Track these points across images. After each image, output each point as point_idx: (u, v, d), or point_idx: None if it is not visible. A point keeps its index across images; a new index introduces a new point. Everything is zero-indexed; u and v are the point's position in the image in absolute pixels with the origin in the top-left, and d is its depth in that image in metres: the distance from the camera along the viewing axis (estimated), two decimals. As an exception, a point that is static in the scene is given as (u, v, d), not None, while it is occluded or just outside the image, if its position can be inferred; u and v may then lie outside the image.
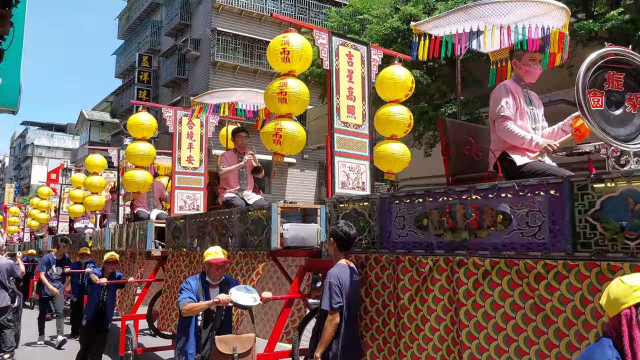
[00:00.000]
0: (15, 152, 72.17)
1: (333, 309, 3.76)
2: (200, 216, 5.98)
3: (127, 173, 7.12)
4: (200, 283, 4.58)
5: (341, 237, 3.96)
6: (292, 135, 4.64)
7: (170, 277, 6.43)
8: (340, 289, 3.79)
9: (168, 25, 32.12)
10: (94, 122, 43.26)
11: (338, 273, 3.84)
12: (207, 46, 28.93)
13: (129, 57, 36.20)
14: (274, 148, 4.67)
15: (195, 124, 7.03)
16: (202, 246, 5.91)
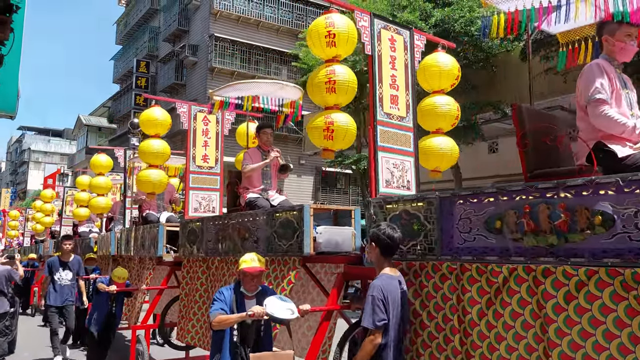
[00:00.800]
0: (11, 157, 70.69)
1: (376, 327, 3.16)
2: (219, 218, 5.34)
3: (140, 173, 6.44)
4: (234, 294, 3.96)
5: (384, 241, 3.36)
6: (345, 129, 4.04)
7: (187, 285, 5.78)
8: (385, 303, 3.19)
9: (166, 31, 31.54)
10: (91, 127, 42.27)
11: (382, 285, 3.24)
12: (204, 52, 28.41)
13: (127, 63, 35.48)
14: (324, 144, 4.07)
15: (210, 121, 6.40)
16: (221, 251, 5.28)
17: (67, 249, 8.17)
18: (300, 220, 4.35)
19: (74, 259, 8.27)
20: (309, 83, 4.16)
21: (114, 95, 37.27)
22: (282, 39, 29.35)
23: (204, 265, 5.56)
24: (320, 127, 4.03)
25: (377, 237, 3.38)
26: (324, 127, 4.02)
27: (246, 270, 3.92)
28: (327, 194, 28.46)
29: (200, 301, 5.49)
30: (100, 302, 6.25)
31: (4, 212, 26.60)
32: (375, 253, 3.40)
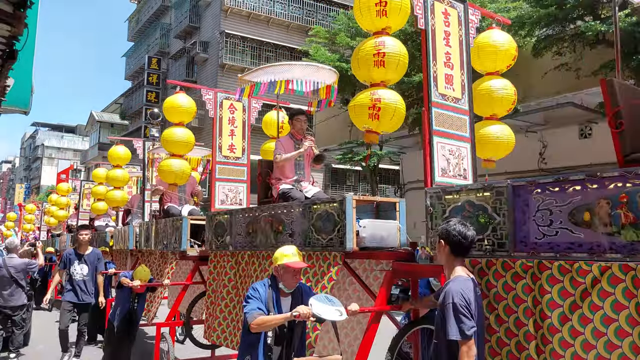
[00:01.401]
0: (25, 152, 70.55)
1: (466, 337, 2.68)
2: (250, 210, 4.90)
3: (163, 162, 6.01)
4: (270, 291, 3.52)
5: (455, 238, 2.91)
6: (393, 108, 3.57)
7: (214, 281, 5.35)
8: (469, 309, 2.73)
9: (177, 27, 31.16)
10: (103, 123, 41.91)
11: (462, 290, 2.78)
12: (215, 48, 28.03)
13: (139, 59, 35.12)
14: (369, 124, 3.60)
15: (237, 109, 5.94)
16: (252, 245, 4.84)
17: (84, 240, 7.32)
18: (342, 212, 3.90)
19: (92, 252, 7.42)
20: (354, 57, 3.69)
21: (126, 91, 36.96)
22: (292, 36, 28.91)
23: (232, 260, 5.13)
24: (365, 105, 3.55)
25: (446, 234, 2.93)
26: (369, 104, 3.54)
27: (289, 265, 3.48)
28: (337, 191, 27.99)
29: (227, 298, 5.06)
30: (122, 297, 5.84)
31: (20, 206, 26.19)
32: (444, 252, 2.95)
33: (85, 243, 7.35)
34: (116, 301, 6.05)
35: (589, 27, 10.46)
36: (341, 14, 21.38)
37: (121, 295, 5.86)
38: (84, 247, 7.38)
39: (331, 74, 4.98)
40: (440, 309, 2.83)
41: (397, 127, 3.81)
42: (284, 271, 3.52)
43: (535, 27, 12.09)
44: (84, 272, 7.23)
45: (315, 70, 4.93)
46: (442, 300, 2.81)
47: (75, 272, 7.18)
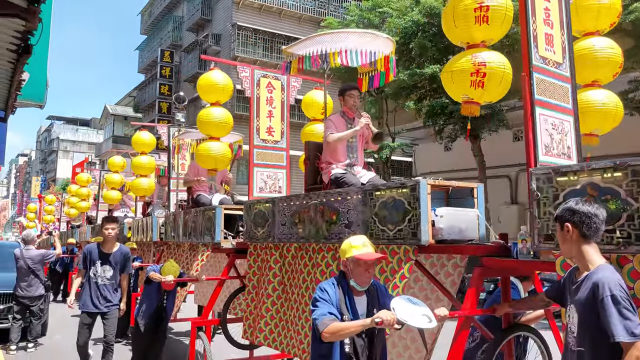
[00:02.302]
0: (41, 146, 70.14)
1: (637, 337, 1.98)
2: (296, 198, 4.25)
3: (200, 146, 5.32)
4: (340, 290, 2.88)
5: (586, 219, 2.22)
6: (502, 72, 2.89)
7: (254, 275, 4.71)
8: (631, 303, 2.06)
9: (189, 20, 30.48)
10: (117, 116, 41.28)
11: (619, 280, 2.11)
12: (227, 41, 27.40)
13: (152, 52, 34.47)
14: (471, 93, 2.93)
15: (275, 87, 5.26)
16: (299, 237, 4.20)
17: (110, 237, 5.68)
18: (414, 200, 3.24)
19: (118, 251, 5.74)
20: (447, 13, 3.01)
21: (139, 84, 36.32)
22: (304, 27, 28.21)
23: (276, 253, 4.48)
24: (467, 71, 2.88)
25: (572, 215, 2.25)
26: (471, 70, 2.87)
27: (359, 257, 2.82)
28: (349, 181, 27.31)
29: (274, 295, 4.41)
30: (150, 293, 5.22)
31: (40, 197, 25.56)
32: (572, 238, 2.26)
33: (111, 240, 5.72)
34: (143, 297, 5.41)
35: None
36: (353, 5, 20.65)
37: (149, 291, 5.23)
38: (110, 244, 5.72)
39: (388, 43, 4.27)
40: (589, 306, 2.14)
41: (502, 96, 3.13)
42: (354, 265, 2.87)
43: None
44: (107, 275, 5.62)
45: (373, 39, 4.21)
46: (592, 294, 2.12)
47: (97, 275, 5.59)
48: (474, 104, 3.02)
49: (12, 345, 7.24)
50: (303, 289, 4.10)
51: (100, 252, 5.66)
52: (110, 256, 5.65)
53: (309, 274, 4.10)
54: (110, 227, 5.74)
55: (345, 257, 2.90)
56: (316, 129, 5.54)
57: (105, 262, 5.62)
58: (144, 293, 5.38)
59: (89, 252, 5.66)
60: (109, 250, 5.69)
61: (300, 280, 4.15)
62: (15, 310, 7.41)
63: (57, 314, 10.64)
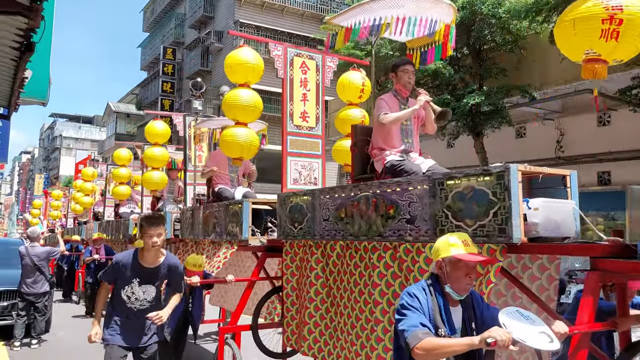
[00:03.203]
0: (44, 143, 68.96)
1: None
2: (342, 190, 3.62)
3: (225, 132, 4.62)
4: (434, 298, 2.26)
5: None
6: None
7: (292, 276, 4.09)
8: None
9: (192, 17, 29.78)
10: (120, 114, 40.35)
11: None
12: (230, 38, 26.69)
13: (154, 50, 33.71)
14: (599, 48, 2.29)
15: (310, 68, 4.61)
16: (347, 233, 3.58)
17: (156, 246, 3.64)
18: (502, 189, 2.63)
19: (165, 263, 3.76)
20: None
21: (142, 82, 35.56)
22: (306, 24, 27.64)
23: (317, 252, 3.86)
24: (597, 18, 2.22)
25: None
26: (603, 16, 2.22)
27: (460, 258, 2.22)
28: (351, 178, 26.76)
29: (317, 299, 3.78)
30: None
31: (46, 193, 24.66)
32: None
33: (156, 250, 3.68)
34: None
35: None
36: (355, 2, 20.11)
37: None
38: (154, 255, 3.70)
39: (449, 10, 3.61)
40: None
41: (637, 53, 2.49)
42: (451, 268, 2.25)
43: (553, 13, 11.15)
44: (148, 296, 3.70)
45: (433, 4, 3.52)
46: None
47: (133, 299, 3.68)
48: (601, 62, 2.39)
49: (16, 342, 7.09)
50: (356, 293, 3.48)
51: (139, 267, 3.64)
52: (154, 272, 3.69)
53: (361, 276, 3.48)
54: (156, 233, 3.57)
55: (440, 256, 2.29)
56: (352, 114, 4.91)
57: (146, 281, 3.67)
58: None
59: (121, 264, 3.66)
60: (152, 264, 3.67)
61: (351, 283, 3.53)
62: (20, 307, 7.27)
63: (61, 311, 10.43)
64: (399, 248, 3.24)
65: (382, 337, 3.25)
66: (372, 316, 3.38)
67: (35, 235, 7.64)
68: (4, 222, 39.65)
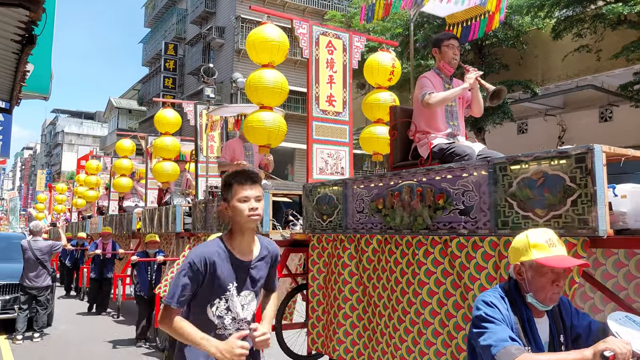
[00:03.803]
0: (46, 139, 68.13)
1: None
2: (379, 179, 3.20)
3: (250, 117, 4.10)
4: (515, 309, 1.84)
5: None
6: None
7: (319, 273, 3.65)
8: None
9: (193, 13, 29.21)
10: (121, 109, 39.74)
11: None
12: (231, 34, 26.25)
13: (156, 45, 33.13)
14: None
15: (336, 47, 4.12)
16: (385, 226, 3.16)
17: (255, 216, 2.08)
18: (584, 174, 2.22)
19: (264, 251, 2.21)
20: None
21: (143, 78, 34.99)
22: (308, 20, 27.06)
23: (350, 247, 3.43)
24: None
25: None
26: None
27: (545, 263, 1.79)
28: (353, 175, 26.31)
29: (353, 298, 3.36)
30: None
31: (50, 187, 23.98)
32: None
33: (253, 228, 2.15)
34: None
35: (611, 10, 9.24)
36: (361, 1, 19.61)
37: None
38: (250, 239, 2.16)
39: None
40: None
41: None
42: (534, 274, 1.82)
43: (555, 8, 10.82)
44: (248, 313, 2.16)
45: None
46: None
47: (229, 317, 2.13)
48: None
49: (18, 335, 7.01)
50: (398, 293, 3.07)
51: (235, 263, 2.10)
52: (253, 267, 2.16)
53: (402, 273, 3.06)
54: (254, 195, 2.07)
55: (519, 260, 1.86)
56: (382, 98, 4.47)
57: (244, 285, 2.14)
58: None
59: (209, 264, 2.06)
60: (249, 255, 2.15)
61: (391, 282, 3.11)
62: (22, 301, 7.20)
63: (64, 306, 10.29)
64: (451, 242, 2.82)
65: (432, 340, 2.84)
66: (419, 318, 2.97)
67: (37, 229, 7.53)
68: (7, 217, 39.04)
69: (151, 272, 6.72)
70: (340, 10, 24.02)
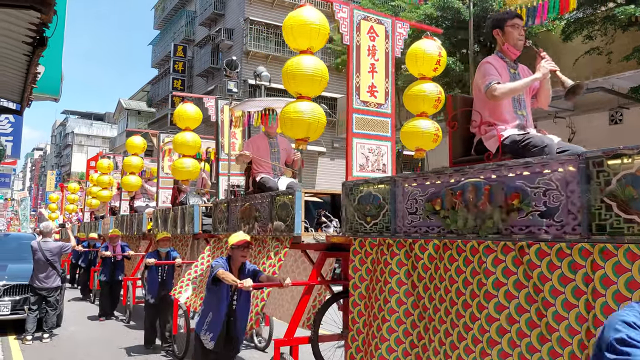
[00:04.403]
0: (56, 140, 67.91)
1: None
2: (436, 176, 2.78)
3: (287, 108, 3.59)
4: None
5: None
6: None
7: (361, 281, 3.16)
8: None
9: (202, 15, 28.97)
10: (131, 111, 39.42)
11: None
12: (239, 35, 25.99)
13: (165, 47, 32.88)
14: None
15: (379, 34, 3.71)
16: (444, 231, 2.74)
17: None
18: None
19: None
20: None
21: (153, 79, 34.74)
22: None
23: (399, 253, 3.01)
24: None
25: None
26: None
27: None
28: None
29: (400, 311, 2.89)
30: (213, 299, 3.73)
31: (62, 186, 23.56)
32: None
33: None
34: (205, 305, 3.89)
35: (623, 11, 8.93)
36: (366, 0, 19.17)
37: (213, 297, 3.74)
38: None
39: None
40: None
41: None
42: None
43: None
44: None
45: None
46: None
47: None
48: None
49: (28, 336, 6.90)
50: (459, 306, 2.64)
51: None
52: None
53: (466, 284, 2.64)
54: None
55: None
56: (427, 90, 4.05)
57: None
58: (206, 300, 3.87)
59: None
60: None
61: (452, 293, 2.68)
62: (32, 301, 7.10)
63: (74, 307, 10.08)
64: (528, 249, 2.40)
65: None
66: (483, 336, 2.55)
67: (47, 230, 7.41)
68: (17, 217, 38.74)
69: (162, 272, 6.31)
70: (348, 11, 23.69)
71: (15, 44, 3.82)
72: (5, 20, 3.40)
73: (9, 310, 7.24)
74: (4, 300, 7.24)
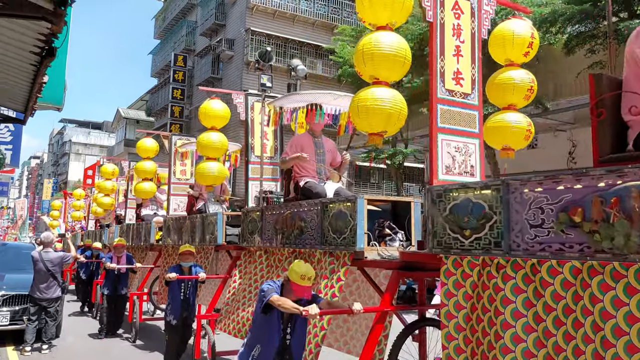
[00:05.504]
0: (53, 148, 66.42)
1: None
2: (574, 179, 2.09)
3: (360, 95, 2.81)
4: None
5: None
6: None
7: (457, 309, 2.41)
8: None
9: (203, 25, 28.40)
10: (129, 120, 38.43)
11: None
12: (240, 46, 25.43)
13: (165, 57, 32.18)
14: None
15: (464, 11, 2.98)
16: (590, 249, 2.04)
17: None
18: None
19: None
20: None
21: (152, 88, 33.96)
22: (317, 33, 26.46)
23: (515, 276, 2.28)
24: None
25: None
26: None
27: None
28: (361, 188, 25.27)
29: (517, 350, 2.11)
30: (265, 326, 2.98)
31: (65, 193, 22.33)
32: None
33: None
34: (255, 332, 3.11)
35: (628, 26, 8.57)
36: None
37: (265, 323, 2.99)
38: None
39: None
40: None
41: None
42: None
43: (567, 23, 10.06)
44: None
45: None
46: None
47: None
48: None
49: (27, 347, 6.71)
50: (618, 350, 1.94)
51: None
52: None
53: (631, 320, 1.94)
54: None
55: None
56: (517, 78, 3.37)
57: None
58: (253, 329, 3.11)
59: None
60: None
61: (607, 332, 1.98)
62: (31, 312, 6.89)
63: (71, 318, 9.70)
64: None
65: None
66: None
67: (48, 240, 7.18)
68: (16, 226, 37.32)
69: (185, 289, 5.48)
70: (350, 23, 23.20)
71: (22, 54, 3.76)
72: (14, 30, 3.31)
73: (8, 321, 7.04)
74: (2, 310, 7.02)
